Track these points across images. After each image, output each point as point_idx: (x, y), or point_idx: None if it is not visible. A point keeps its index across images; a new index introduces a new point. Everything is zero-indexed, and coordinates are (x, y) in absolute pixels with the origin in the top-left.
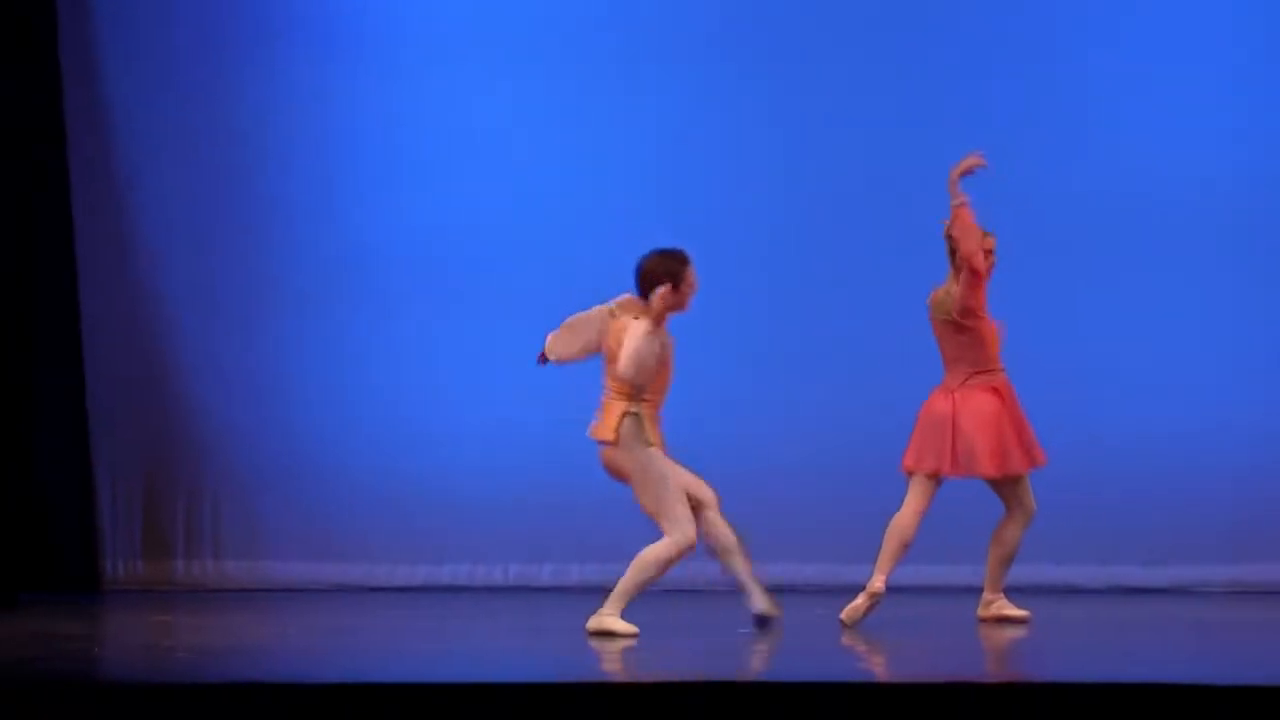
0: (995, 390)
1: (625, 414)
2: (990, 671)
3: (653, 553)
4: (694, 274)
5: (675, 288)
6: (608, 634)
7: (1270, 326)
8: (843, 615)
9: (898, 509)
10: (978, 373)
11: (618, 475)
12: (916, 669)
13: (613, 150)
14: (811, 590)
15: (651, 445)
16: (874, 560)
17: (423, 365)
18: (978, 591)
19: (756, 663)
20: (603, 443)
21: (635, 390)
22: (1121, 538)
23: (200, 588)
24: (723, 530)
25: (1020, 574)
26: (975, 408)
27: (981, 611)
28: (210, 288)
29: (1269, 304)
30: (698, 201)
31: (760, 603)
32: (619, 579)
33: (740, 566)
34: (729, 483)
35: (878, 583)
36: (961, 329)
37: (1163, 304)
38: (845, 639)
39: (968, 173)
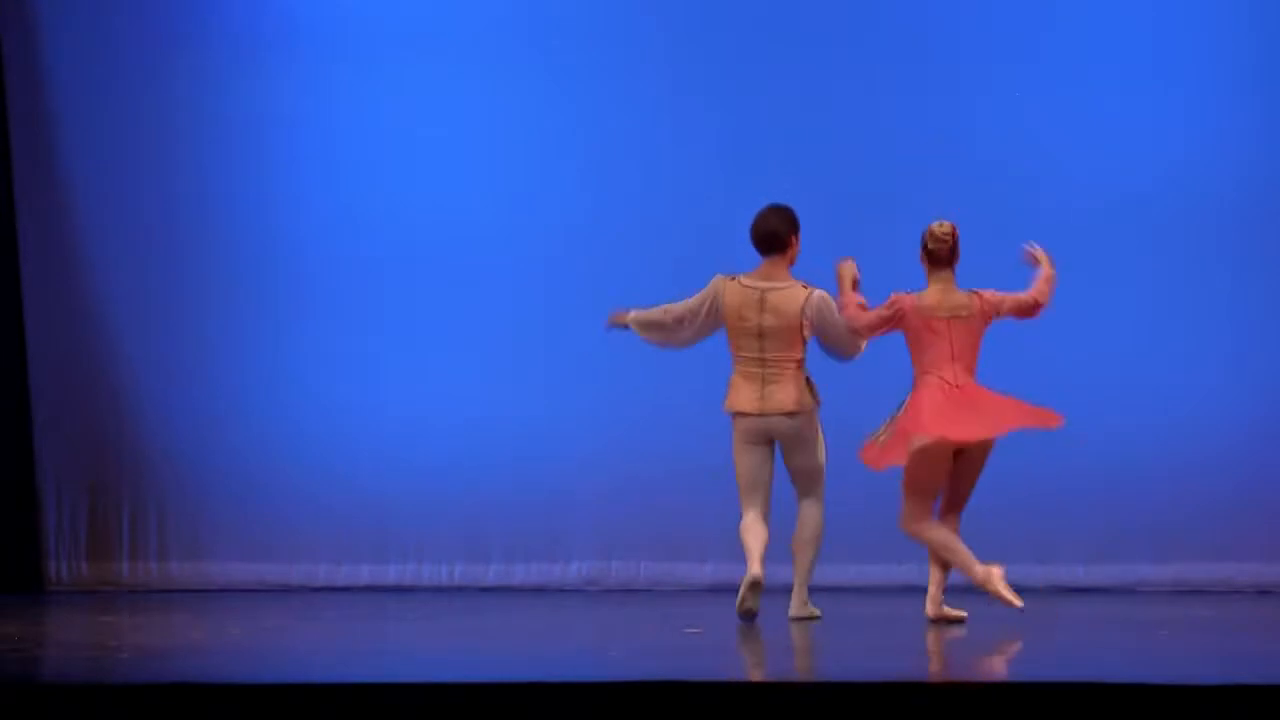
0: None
1: (808, 380)
2: (932, 671)
3: (815, 525)
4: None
5: (798, 236)
6: (815, 619)
7: (1212, 325)
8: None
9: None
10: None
11: (791, 442)
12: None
13: (560, 148)
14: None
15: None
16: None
17: (363, 367)
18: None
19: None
20: (795, 414)
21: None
22: (1061, 537)
23: (144, 589)
24: None
25: (960, 574)
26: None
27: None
28: (152, 292)
29: (1210, 303)
30: (653, 203)
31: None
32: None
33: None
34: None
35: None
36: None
37: (1101, 303)
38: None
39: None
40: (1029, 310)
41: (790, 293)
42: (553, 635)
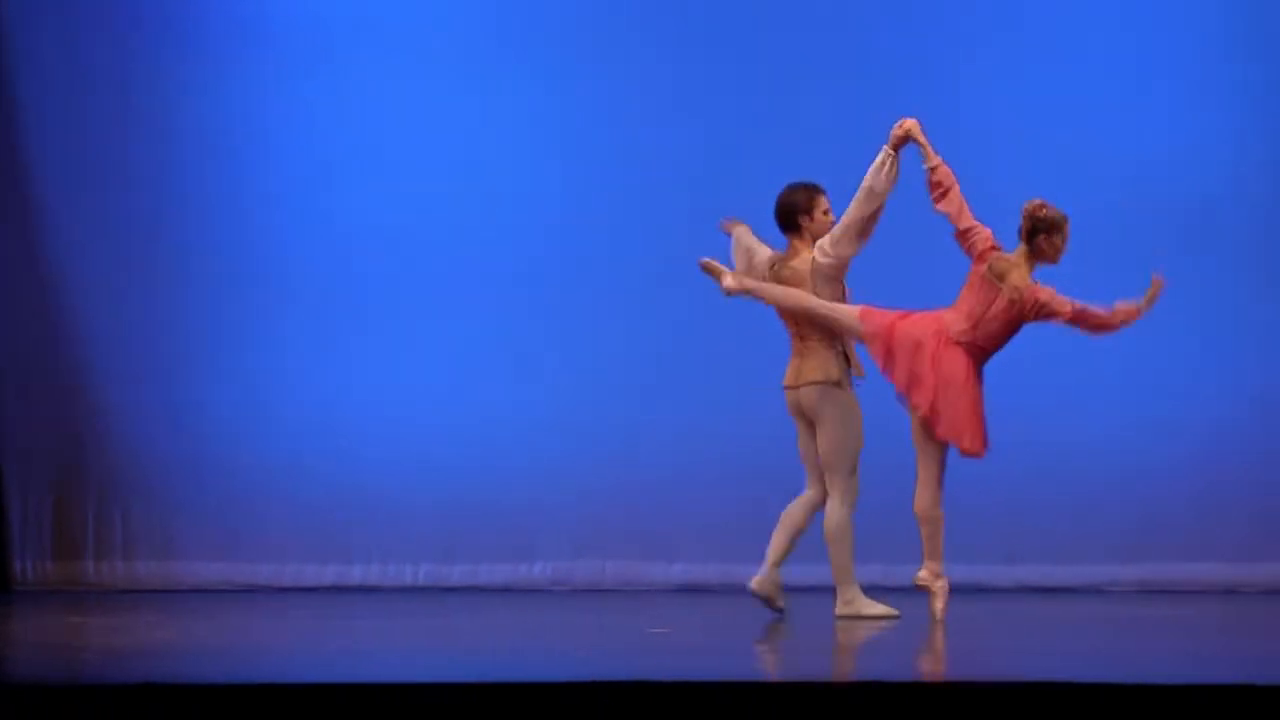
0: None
1: (843, 354)
2: (901, 670)
3: (830, 524)
4: (826, 202)
5: (811, 216)
6: (862, 618)
7: (1178, 328)
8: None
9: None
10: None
11: (814, 418)
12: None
13: (539, 148)
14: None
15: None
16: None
17: (330, 368)
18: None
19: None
20: (811, 385)
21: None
22: (1029, 537)
23: (110, 588)
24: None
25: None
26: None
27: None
28: (118, 291)
29: (1175, 306)
30: (631, 204)
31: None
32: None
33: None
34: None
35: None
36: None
37: None
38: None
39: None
40: (1068, 317)
41: (799, 263)
42: (518, 635)
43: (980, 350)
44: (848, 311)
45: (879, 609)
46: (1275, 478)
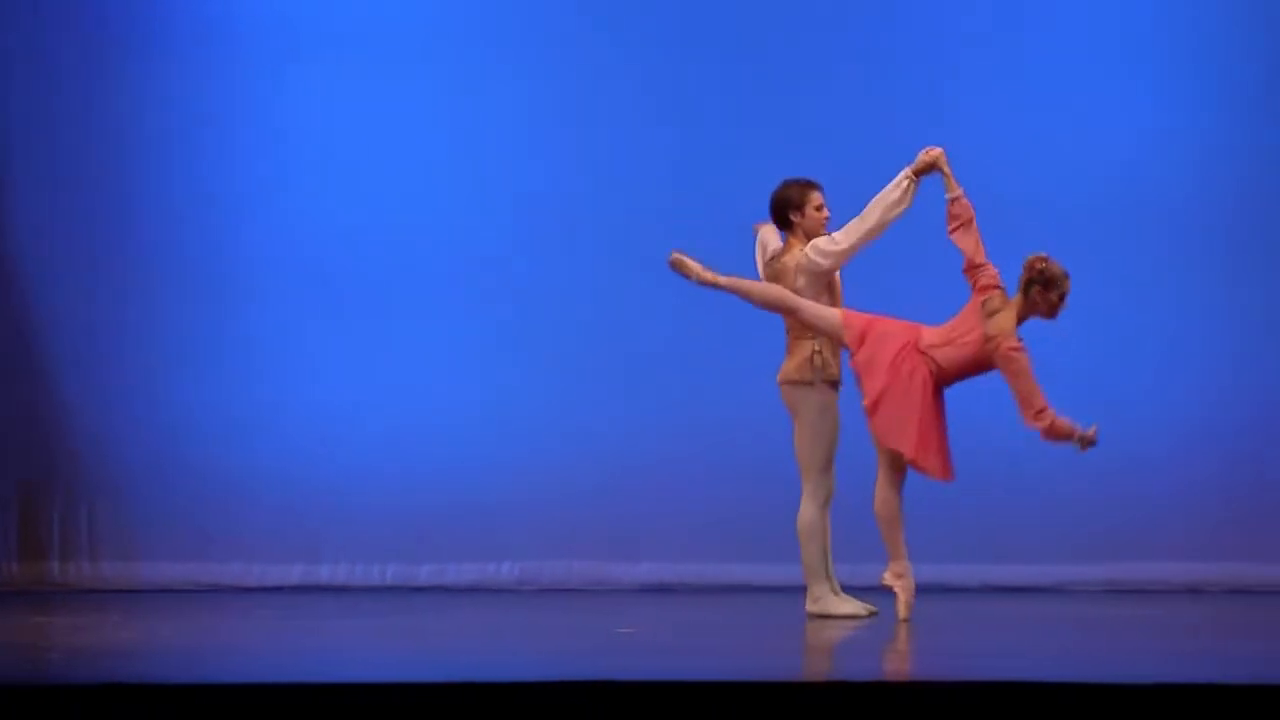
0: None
1: (819, 353)
2: (865, 669)
3: (800, 521)
4: (820, 198)
5: (802, 212)
6: (830, 616)
7: (1144, 327)
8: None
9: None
10: None
11: (792, 415)
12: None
13: (503, 148)
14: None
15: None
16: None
17: (297, 365)
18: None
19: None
20: (785, 383)
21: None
22: (995, 536)
23: (76, 589)
24: None
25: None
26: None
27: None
28: (83, 291)
29: (1142, 306)
30: (592, 204)
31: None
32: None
33: None
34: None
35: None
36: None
37: None
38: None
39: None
40: (1022, 391)
41: (789, 258)
42: (485, 635)
43: (940, 369)
44: (831, 312)
45: (848, 607)
46: (1240, 478)
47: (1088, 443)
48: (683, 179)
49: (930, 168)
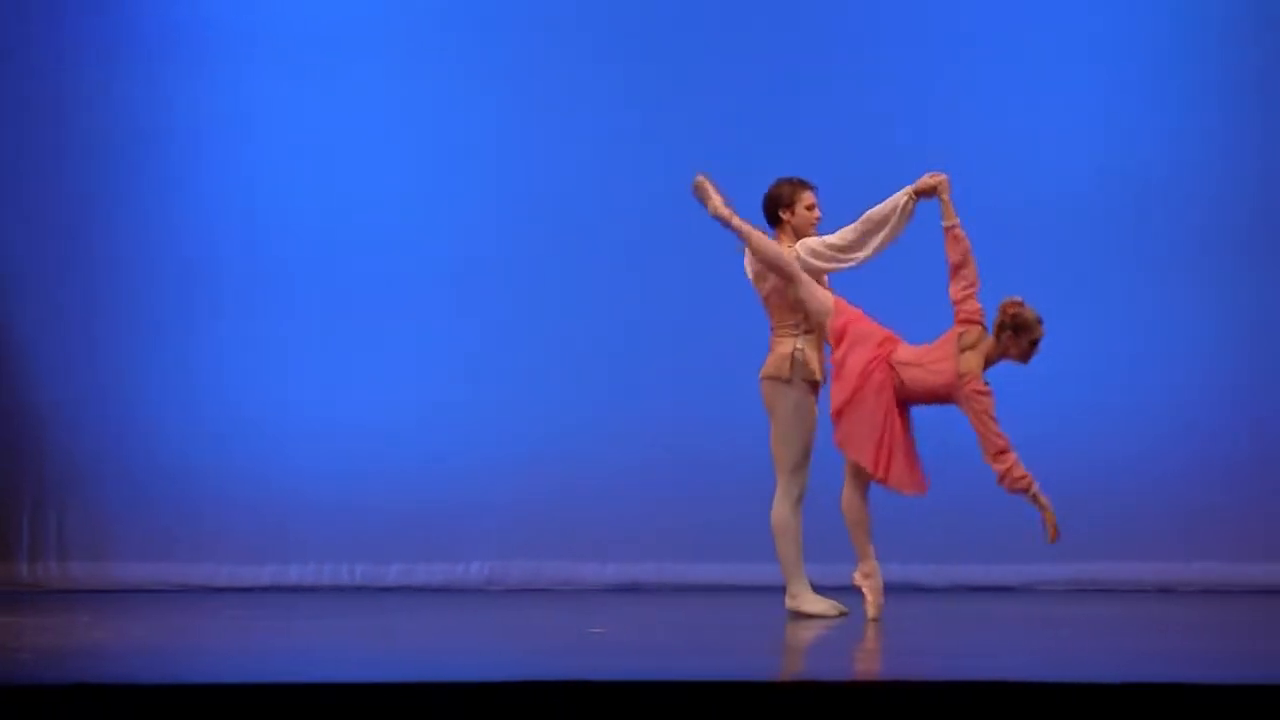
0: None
1: (800, 350)
2: (834, 669)
3: (773, 518)
4: (812, 198)
5: (792, 210)
6: (802, 614)
7: (1111, 326)
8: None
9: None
10: None
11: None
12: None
13: (469, 148)
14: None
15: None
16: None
17: (265, 365)
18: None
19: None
20: (763, 380)
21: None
22: (962, 536)
23: (45, 589)
24: None
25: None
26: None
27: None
28: (52, 292)
29: (1110, 304)
30: (560, 205)
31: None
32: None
33: None
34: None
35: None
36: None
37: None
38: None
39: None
40: (981, 429)
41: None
42: (454, 635)
43: (904, 385)
44: (824, 295)
45: (818, 607)
46: (1207, 478)
47: (1051, 527)
48: (661, 177)
49: (931, 191)
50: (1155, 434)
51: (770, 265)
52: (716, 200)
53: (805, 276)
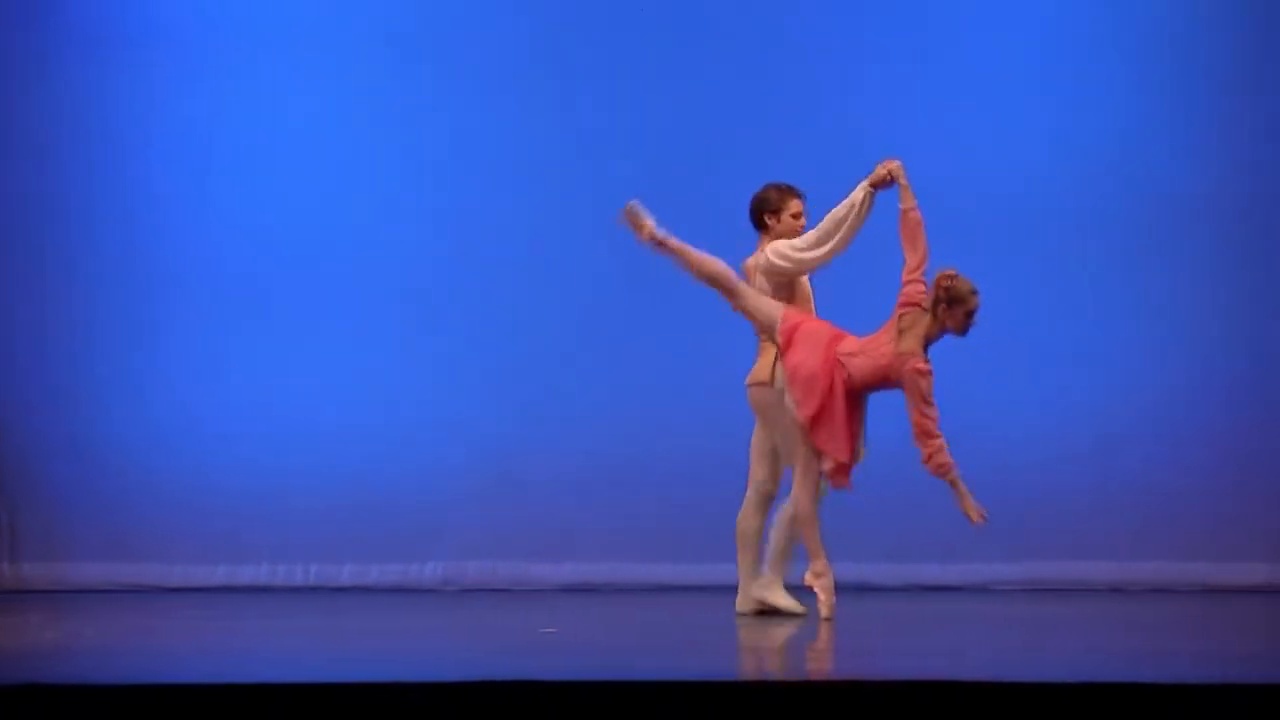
0: None
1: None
2: (789, 669)
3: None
4: (799, 206)
5: (778, 217)
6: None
7: (1063, 325)
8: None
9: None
10: None
11: (762, 417)
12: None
13: (422, 146)
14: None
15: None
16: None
17: (217, 368)
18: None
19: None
20: (755, 385)
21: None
22: (916, 535)
23: None
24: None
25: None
26: None
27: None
28: (3, 291)
29: (1059, 303)
30: (512, 207)
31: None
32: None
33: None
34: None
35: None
36: None
37: None
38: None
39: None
40: (917, 412)
41: (754, 260)
42: (408, 635)
43: (852, 377)
44: (771, 305)
45: (785, 603)
46: (1159, 478)
47: (971, 511)
48: (606, 180)
49: (887, 180)
50: (1106, 435)
51: (710, 282)
52: (649, 226)
53: (748, 290)
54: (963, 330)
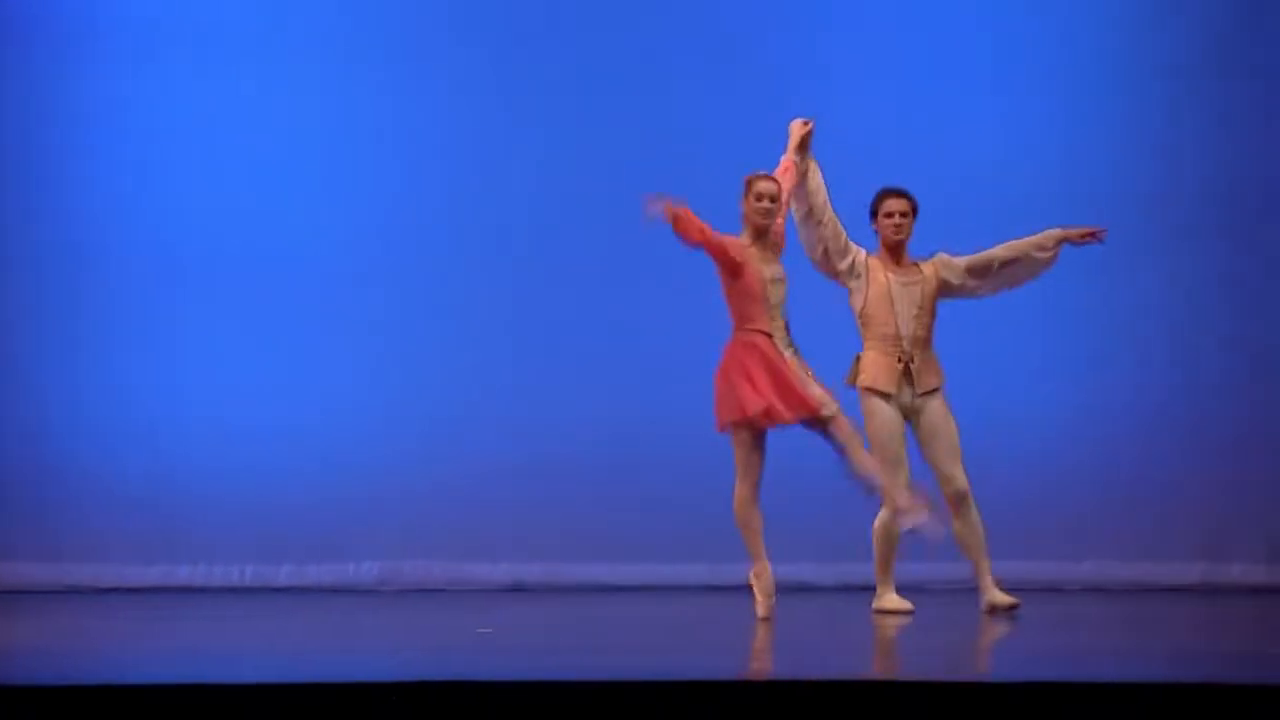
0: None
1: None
2: (725, 668)
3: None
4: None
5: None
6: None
7: (1008, 328)
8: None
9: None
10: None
11: None
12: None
13: (360, 143)
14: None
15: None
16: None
17: (159, 367)
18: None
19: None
20: None
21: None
22: (852, 534)
23: None
24: None
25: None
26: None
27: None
28: None
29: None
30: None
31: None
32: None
33: None
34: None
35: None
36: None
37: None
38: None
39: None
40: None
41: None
42: (345, 635)
43: (739, 317)
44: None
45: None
46: (1099, 478)
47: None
48: (545, 179)
49: (806, 140)
50: (1044, 436)
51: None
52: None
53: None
54: (761, 216)
